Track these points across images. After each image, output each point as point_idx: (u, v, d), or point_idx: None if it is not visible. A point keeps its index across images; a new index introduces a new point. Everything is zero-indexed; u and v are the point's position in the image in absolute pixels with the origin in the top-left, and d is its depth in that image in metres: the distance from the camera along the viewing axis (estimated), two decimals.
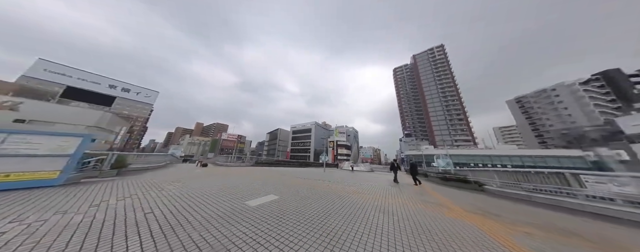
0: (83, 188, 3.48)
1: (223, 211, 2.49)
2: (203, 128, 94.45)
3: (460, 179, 7.20)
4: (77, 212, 2.23)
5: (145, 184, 4.19)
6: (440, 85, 47.47)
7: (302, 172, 9.26)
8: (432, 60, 51.73)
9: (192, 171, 7.56)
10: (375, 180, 7.60)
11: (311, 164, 25.08)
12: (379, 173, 15.58)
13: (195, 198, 3.05)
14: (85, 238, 1.64)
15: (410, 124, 54.20)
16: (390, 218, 2.64)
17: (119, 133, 30.99)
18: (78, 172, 4.22)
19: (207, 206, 2.63)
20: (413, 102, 55.69)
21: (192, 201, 2.89)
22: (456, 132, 42.16)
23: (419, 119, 52.67)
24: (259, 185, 4.64)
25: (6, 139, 3.31)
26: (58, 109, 24.38)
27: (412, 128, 52.89)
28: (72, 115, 24.98)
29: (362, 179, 7.86)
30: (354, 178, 7.88)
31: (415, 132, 51.32)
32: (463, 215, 3.06)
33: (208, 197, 3.17)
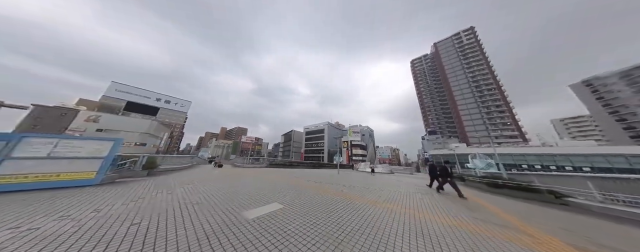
0: (110, 188, 3.78)
1: (211, 225, 2.07)
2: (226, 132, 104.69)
3: (522, 187, 5.37)
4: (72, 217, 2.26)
5: (162, 184, 4.37)
6: (470, 74, 40.89)
7: (314, 175, 8.79)
8: (458, 47, 45.18)
9: (209, 172, 7.94)
10: (399, 185, 6.48)
11: (325, 165, 24.52)
12: (400, 175, 13.90)
13: (193, 205, 2.87)
14: None
15: (433, 120, 48.26)
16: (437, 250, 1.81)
17: (162, 138, 37.15)
18: (113, 172, 4.75)
19: (197, 217, 2.29)
20: (436, 96, 49.54)
21: (188, 208, 2.70)
22: (496, 127, 35.29)
23: (444, 114, 46.41)
24: (266, 189, 4.35)
25: (58, 143, 3.86)
26: (122, 119, 30.75)
27: (437, 125, 46.91)
28: (131, 124, 31.07)
29: (383, 183, 6.84)
30: (372, 182, 6.90)
31: (441, 129, 45.33)
32: (564, 250, 1.98)
33: (207, 203, 2.91)
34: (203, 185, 4.55)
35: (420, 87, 54.33)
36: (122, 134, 28.77)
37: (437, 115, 48.05)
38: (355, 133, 50.56)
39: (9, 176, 3.33)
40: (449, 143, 34.12)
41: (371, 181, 7.30)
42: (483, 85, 38.58)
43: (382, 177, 10.29)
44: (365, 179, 8.31)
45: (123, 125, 28.98)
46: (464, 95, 40.15)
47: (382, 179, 8.46)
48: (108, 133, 28.67)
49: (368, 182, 6.74)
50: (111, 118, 28.95)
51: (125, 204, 2.67)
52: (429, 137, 41.15)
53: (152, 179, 5.26)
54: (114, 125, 28.51)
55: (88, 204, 2.68)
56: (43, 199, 2.87)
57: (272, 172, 8.78)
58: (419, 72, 56.44)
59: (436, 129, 45.18)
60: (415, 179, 10.19)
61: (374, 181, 7.57)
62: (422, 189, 5.74)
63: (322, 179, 6.86)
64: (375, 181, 7.60)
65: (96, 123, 27.16)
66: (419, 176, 14.11)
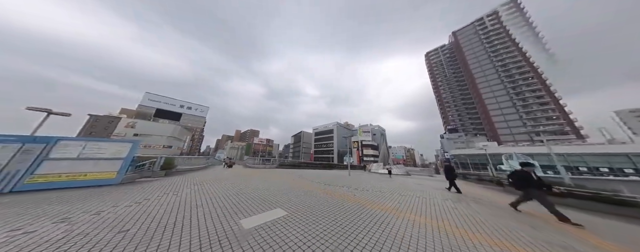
0: (125, 188, 3.96)
1: (201, 236, 1.84)
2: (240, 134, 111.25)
3: (603, 198, 3.93)
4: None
5: (173, 185, 4.50)
6: (499, 62, 35.87)
7: (324, 176, 8.40)
8: (482, 34, 40.23)
9: (221, 173, 8.19)
10: (420, 189, 5.66)
11: (335, 165, 23.89)
12: (418, 177, 12.60)
13: (193, 208, 2.74)
14: None
15: (454, 116, 43.63)
16: None
17: (185, 141, 41.15)
18: (132, 173, 5.11)
19: (190, 225, 2.09)
20: (457, 90, 44.80)
21: (185, 212, 2.56)
22: (537, 122, 29.99)
23: (467, 109, 41.58)
24: (271, 191, 4.14)
25: (86, 145, 4.25)
26: (153, 125, 34.81)
27: (458, 121, 42.26)
28: (160, 129, 34.99)
29: (401, 186, 6.08)
30: (388, 186, 6.17)
31: (464, 126, 40.68)
32: None
33: (207, 206, 2.78)
34: (211, 186, 4.56)
35: (438, 81, 49.81)
36: (153, 137, 32.84)
37: (458, 111, 43.28)
38: (365, 133, 48.67)
39: (47, 175, 3.72)
40: (475, 142, 30.27)
41: (387, 184, 6.59)
42: (516, 74, 33.39)
43: (399, 179, 9.35)
44: (380, 181, 7.54)
45: (153, 130, 32.93)
46: (492, 87, 35.26)
47: (399, 182, 7.62)
48: (142, 137, 32.80)
49: (383, 186, 6.08)
50: (144, 124, 33.12)
51: (129, 206, 2.68)
52: (449, 136, 37.20)
53: (168, 179, 5.53)
54: (146, 130, 32.58)
55: (96, 205, 2.76)
56: (66, 198, 3.08)
57: (281, 173, 8.68)
58: (435, 65, 51.91)
59: (457, 127, 40.70)
60: (436, 182, 9.03)
61: (389, 184, 6.82)
62: (450, 195, 4.90)
63: (332, 181, 6.44)
64: (391, 184, 6.84)
65: (133, 128, 31.37)
66: (440, 179, 12.62)
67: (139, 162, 5.79)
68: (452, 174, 5.71)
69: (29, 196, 3.25)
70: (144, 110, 42.79)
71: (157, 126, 34.21)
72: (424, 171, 27.37)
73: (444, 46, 51.97)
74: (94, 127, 42.49)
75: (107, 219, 2.23)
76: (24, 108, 4.79)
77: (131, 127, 32.02)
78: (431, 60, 53.38)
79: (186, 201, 3.03)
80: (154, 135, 32.65)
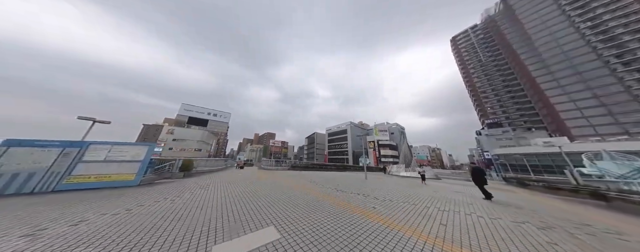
0: (138, 190, 4.07)
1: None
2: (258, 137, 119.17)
3: None
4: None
5: (182, 188, 4.50)
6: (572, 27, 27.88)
7: (336, 180, 7.61)
8: None
9: (233, 175, 8.32)
10: (464, 201, 4.23)
11: (350, 167, 22.53)
12: (451, 182, 10.36)
13: (173, 221, 2.41)
14: None
15: (495, 108, 36.22)
16: None
17: (212, 144, 46.22)
18: (151, 174, 5.45)
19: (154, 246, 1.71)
20: (498, 76, 37.25)
21: (165, 227, 2.24)
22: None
23: (514, 98, 33.91)
24: (272, 199, 3.65)
25: (111, 148, 4.65)
26: (187, 131, 40.11)
27: (501, 113, 34.83)
28: (191, 134, 40.06)
29: (436, 196, 4.70)
30: (417, 194, 4.77)
31: (510, 119, 33.27)
32: None
33: (188, 219, 2.37)
34: (213, 190, 4.41)
35: (469, 68, 42.61)
36: (186, 142, 38.08)
37: (500, 102, 35.71)
38: (382, 132, 45.29)
39: (80, 176, 4.14)
40: (528, 137, 24.07)
41: (414, 191, 5.27)
42: (604, 40, 24.64)
43: (431, 185, 7.71)
44: (406, 188, 6.04)
45: (187, 135, 38.14)
46: (552, 68, 27.51)
47: (431, 189, 6.10)
48: (179, 142, 38.55)
49: (410, 194, 4.80)
50: (180, 130, 38.68)
51: (117, 214, 2.54)
52: (490, 131, 30.84)
53: (183, 181, 5.74)
54: (182, 135, 37.96)
55: (97, 209, 2.74)
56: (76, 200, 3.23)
57: (291, 176, 8.32)
58: (464, 50, 44.66)
59: (500, 120, 33.52)
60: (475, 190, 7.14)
61: (418, 191, 5.41)
62: (522, 216, 3.17)
63: (346, 186, 5.61)
64: (420, 191, 5.41)
65: (172, 134, 37.00)
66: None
67: (160, 164, 6.23)
68: (481, 177, 4.69)
69: (66, 195, 3.60)
70: (180, 118, 50.01)
71: (189, 131, 39.46)
72: (456, 174, 23.19)
73: (476, 27, 44.33)
74: (147, 134, 52.02)
75: (85, 231, 2.06)
76: (76, 117, 5.66)
77: (170, 133, 37.84)
78: (459, 45, 46.20)
79: (174, 210, 2.76)
80: (187, 139, 37.82)
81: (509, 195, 6.02)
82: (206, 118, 47.77)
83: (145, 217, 2.44)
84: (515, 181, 10.38)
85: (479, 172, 4.74)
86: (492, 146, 28.02)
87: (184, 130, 38.89)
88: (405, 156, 18.22)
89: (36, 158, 3.90)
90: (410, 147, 20.06)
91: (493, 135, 29.91)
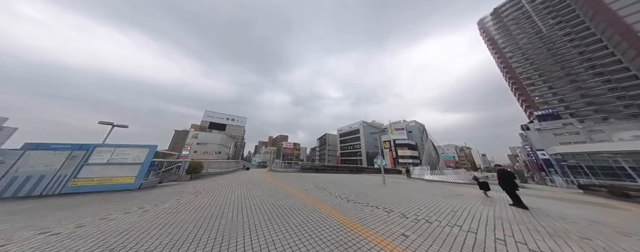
0: (135, 194, 3.78)
1: None
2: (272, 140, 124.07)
3: None
4: None
5: (173, 193, 4.06)
6: None
7: (348, 185, 6.49)
8: None
9: (238, 177, 7.95)
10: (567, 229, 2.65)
11: (364, 169, 20.74)
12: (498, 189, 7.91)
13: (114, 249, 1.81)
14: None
15: (548, 96, 29.31)
16: None
17: (230, 147, 49.58)
18: (155, 177, 5.34)
19: None
20: (549, 56, 30.31)
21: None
22: None
23: (576, 82, 26.81)
24: (261, 212, 2.88)
25: (115, 151, 4.63)
26: (209, 135, 43.89)
27: (558, 102, 27.88)
28: (213, 138, 43.63)
29: (503, 215, 3.19)
30: (475, 213, 3.17)
31: (572, 110, 26.32)
32: None
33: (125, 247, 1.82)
34: (208, 195, 3.89)
35: (505, 52, 35.95)
36: (208, 145, 41.72)
37: (553, 88, 28.67)
38: (398, 130, 41.60)
39: (84, 179, 4.12)
40: (606, 130, 18.27)
41: (466, 208, 3.52)
42: None
43: (474, 194, 5.88)
44: (444, 199, 4.31)
45: (209, 139, 41.76)
46: None
47: (484, 205, 3.83)
48: (202, 145, 42.58)
49: (456, 211, 3.27)
50: (204, 135, 42.60)
51: (82, 226, 2.09)
52: (544, 125, 24.83)
53: (186, 184, 5.51)
54: (205, 139, 41.72)
55: (76, 218, 2.37)
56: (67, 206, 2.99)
57: (297, 179, 7.56)
58: (500, 31, 37.98)
59: (557, 111, 26.78)
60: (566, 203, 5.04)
61: (475, 208, 3.52)
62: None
63: (360, 194, 4.49)
64: (478, 209, 3.44)
65: (196, 139, 40.97)
66: (561, 193, 7.47)
67: (168, 167, 6.19)
68: (511, 182, 4.04)
69: (62, 199, 3.51)
70: (204, 124, 55.36)
71: (211, 135, 43.12)
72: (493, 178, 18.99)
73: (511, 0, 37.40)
74: (177, 138, 59.10)
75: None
76: (97, 122, 6.05)
77: (195, 137, 42.02)
78: (490, 27, 39.62)
79: (130, 229, 2.14)
80: (209, 143, 41.35)
81: (607, 212, 4.01)
82: (225, 123, 51.68)
83: (87, 239, 1.89)
84: (605, 190, 7.42)
85: (509, 176, 4.13)
86: (547, 142, 22.44)
87: (206, 134, 42.64)
88: (430, 156, 15.56)
89: (47, 161, 4.01)
90: (437, 147, 17.01)
91: (548, 129, 24.01)
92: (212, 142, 40.72)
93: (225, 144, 44.01)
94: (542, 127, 24.72)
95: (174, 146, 56.67)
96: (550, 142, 21.99)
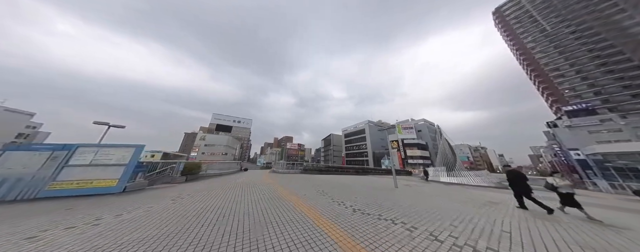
0: (114, 200, 3.33)
1: None
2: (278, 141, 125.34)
3: None
4: None
5: (156, 198, 3.56)
6: None
7: (354, 189, 5.70)
8: None
9: (232, 180, 7.41)
10: None
11: (370, 170, 19.66)
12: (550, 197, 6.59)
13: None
14: None
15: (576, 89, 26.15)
16: None
17: (236, 148, 50.42)
18: (143, 179, 4.96)
19: None
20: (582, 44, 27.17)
21: None
22: None
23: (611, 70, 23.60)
24: (244, 232, 2.25)
25: (98, 151, 4.28)
26: (216, 137, 44.83)
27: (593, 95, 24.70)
28: (219, 140, 44.54)
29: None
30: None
31: (613, 102, 23.15)
32: None
33: None
34: (191, 200, 3.35)
35: (525, 42, 32.89)
36: (215, 147, 42.63)
37: (592, 78, 25.41)
38: (406, 129, 39.69)
39: (64, 182, 3.78)
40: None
41: (517, 225, 2.58)
42: None
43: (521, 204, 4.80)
44: (480, 209, 3.47)
45: (216, 141, 42.69)
46: None
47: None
48: (210, 147, 43.59)
49: (505, 227, 2.45)
50: (211, 136, 43.66)
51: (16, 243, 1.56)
52: (577, 122, 22.01)
53: (177, 187, 5.09)
54: (212, 141, 42.71)
55: (5, 235, 1.88)
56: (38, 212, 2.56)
57: (298, 182, 6.92)
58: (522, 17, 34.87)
59: (593, 105, 23.67)
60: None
61: (544, 229, 2.45)
62: None
63: (369, 202, 3.66)
64: (543, 230, 2.41)
65: (204, 140, 42.10)
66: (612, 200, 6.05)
67: (162, 168, 5.85)
68: (524, 184, 3.55)
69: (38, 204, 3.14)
70: (211, 126, 57.04)
71: (217, 137, 44.06)
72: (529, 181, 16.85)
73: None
74: (187, 140, 61.46)
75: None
76: (92, 122, 5.88)
77: (202, 139, 43.20)
78: (507, 15, 36.64)
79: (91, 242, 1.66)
80: (216, 145, 42.27)
81: None
82: (231, 125, 52.78)
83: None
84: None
85: (521, 178, 3.72)
86: (581, 141, 19.80)
87: (213, 136, 43.67)
88: (445, 156, 14.15)
89: (26, 162, 3.73)
90: (452, 146, 15.42)
91: (581, 126, 21.25)
92: (218, 144, 41.56)
93: (232, 146, 44.75)
94: (574, 124, 21.94)
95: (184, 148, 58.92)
96: (585, 141, 19.35)
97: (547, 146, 32.10)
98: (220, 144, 41.61)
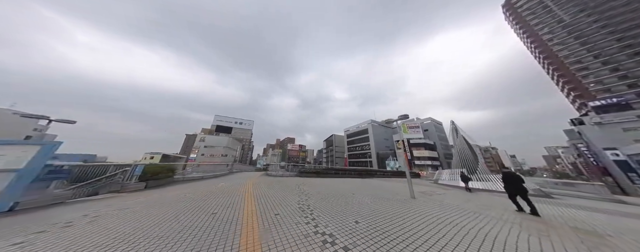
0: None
1: None
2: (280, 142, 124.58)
3: None
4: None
5: (65, 218, 2.21)
6: None
7: (355, 200, 4.21)
8: None
9: (217, 183, 6.16)
10: None
11: (375, 173, 17.93)
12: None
13: None
14: None
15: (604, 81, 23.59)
16: None
17: (237, 150, 49.52)
18: (62, 188, 3.63)
19: None
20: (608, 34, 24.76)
21: None
22: None
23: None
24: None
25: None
26: (215, 138, 44.09)
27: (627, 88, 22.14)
28: (219, 141, 43.81)
29: None
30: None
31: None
32: None
33: None
34: (110, 221, 1.97)
35: (541, 35, 30.56)
36: (215, 148, 41.72)
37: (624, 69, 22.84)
38: (412, 128, 37.67)
39: None
40: None
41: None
42: None
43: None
44: None
45: (216, 142, 41.82)
46: None
47: None
48: (210, 149, 42.72)
49: None
50: (210, 138, 42.85)
51: None
52: (608, 118, 19.61)
53: (123, 197, 3.77)
54: (212, 142, 41.87)
55: None
56: None
57: (282, 190, 5.49)
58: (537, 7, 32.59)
59: (625, 99, 21.11)
60: None
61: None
62: None
63: (376, 236, 2.27)
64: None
65: (204, 142, 41.35)
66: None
67: (112, 173, 4.54)
68: (520, 186, 3.59)
69: None
70: (213, 128, 56.74)
71: (217, 138, 43.24)
72: (561, 186, 14.22)
73: None
74: (188, 142, 61.31)
75: None
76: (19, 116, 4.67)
77: (202, 140, 42.47)
78: (519, 7, 34.41)
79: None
80: (216, 146, 41.40)
81: None
82: (231, 126, 52.13)
83: None
84: None
85: (517, 180, 3.66)
86: (614, 139, 17.44)
87: (213, 137, 42.92)
88: (464, 156, 12.13)
89: None
90: (471, 146, 13.20)
91: (614, 122, 18.84)
92: (218, 145, 40.67)
93: (232, 147, 43.80)
94: (605, 121, 19.51)
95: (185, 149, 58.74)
96: (619, 139, 16.99)
97: (569, 145, 29.31)
98: (220, 145, 40.67)
